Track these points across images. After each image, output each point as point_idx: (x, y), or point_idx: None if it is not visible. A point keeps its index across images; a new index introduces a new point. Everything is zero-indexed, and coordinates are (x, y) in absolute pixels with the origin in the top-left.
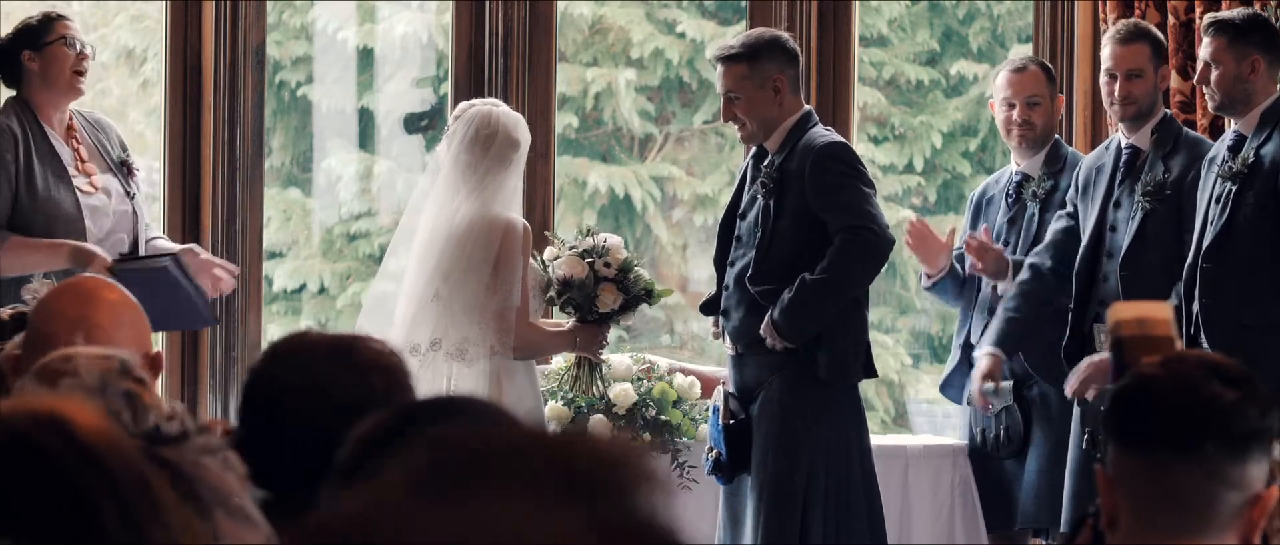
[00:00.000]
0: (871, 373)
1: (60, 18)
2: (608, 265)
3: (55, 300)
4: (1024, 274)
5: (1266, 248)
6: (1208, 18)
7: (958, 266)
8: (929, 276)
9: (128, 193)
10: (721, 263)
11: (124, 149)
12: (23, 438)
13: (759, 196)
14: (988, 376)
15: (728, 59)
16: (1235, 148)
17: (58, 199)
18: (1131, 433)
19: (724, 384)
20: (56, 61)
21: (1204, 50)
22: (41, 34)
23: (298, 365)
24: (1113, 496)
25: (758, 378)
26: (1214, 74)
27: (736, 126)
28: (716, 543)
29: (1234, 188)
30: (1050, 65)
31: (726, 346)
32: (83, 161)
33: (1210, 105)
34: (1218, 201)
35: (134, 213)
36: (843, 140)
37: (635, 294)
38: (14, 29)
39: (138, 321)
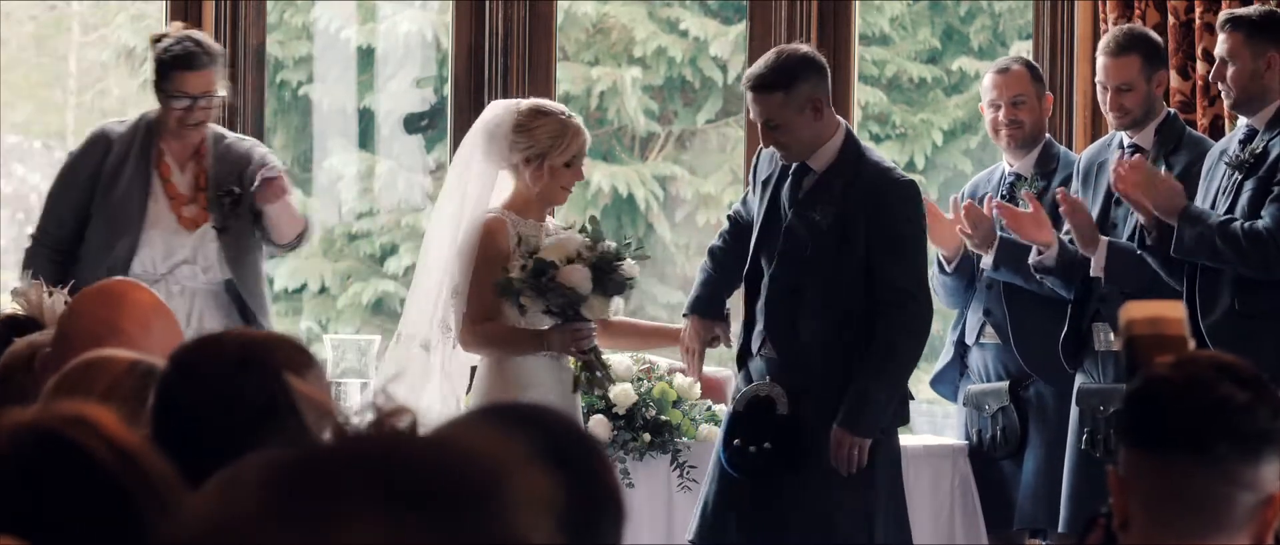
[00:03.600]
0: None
1: (186, 69)
2: (590, 249)
3: (82, 303)
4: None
5: None
6: (1223, 14)
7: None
8: (948, 260)
9: (218, 228)
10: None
11: (253, 172)
12: (56, 437)
13: (809, 212)
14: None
15: (762, 88)
16: (1246, 141)
17: (127, 214)
18: (1143, 433)
19: (768, 378)
20: (167, 108)
21: (1219, 47)
22: (163, 78)
23: (199, 376)
24: (1125, 497)
25: (805, 384)
26: (1230, 70)
27: (778, 151)
28: (716, 542)
29: (1239, 177)
30: (1036, 64)
31: (767, 350)
32: (178, 193)
33: (1226, 102)
34: (1224, 193)
35: (219, 243)
36: (912, 179)
37: (602, 268)
38: (163, 50)
39: (167, 326)
